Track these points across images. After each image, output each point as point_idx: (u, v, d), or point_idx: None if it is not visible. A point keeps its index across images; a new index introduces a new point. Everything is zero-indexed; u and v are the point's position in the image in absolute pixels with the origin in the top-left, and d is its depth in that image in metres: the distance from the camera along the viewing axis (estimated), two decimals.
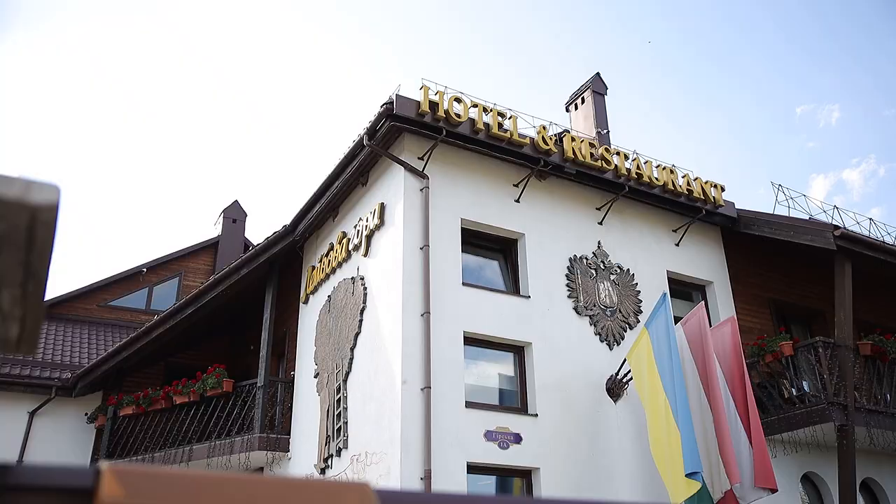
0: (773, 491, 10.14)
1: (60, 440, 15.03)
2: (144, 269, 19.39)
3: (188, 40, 48.67)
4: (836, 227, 12.38)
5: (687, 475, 9.35)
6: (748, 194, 58.99)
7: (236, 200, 21.63)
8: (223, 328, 17.64)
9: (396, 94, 11.15)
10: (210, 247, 20.75)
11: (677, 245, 13.86)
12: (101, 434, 14.76)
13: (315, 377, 12.95)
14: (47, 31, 44.31)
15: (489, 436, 10.39)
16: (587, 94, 16.82)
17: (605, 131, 16.10)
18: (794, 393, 12.55)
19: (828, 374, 11.84)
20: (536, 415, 10.91)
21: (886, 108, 49.09)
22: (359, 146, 11.80)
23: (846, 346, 12.04)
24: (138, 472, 0.98)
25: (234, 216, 21.38)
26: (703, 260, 14.12)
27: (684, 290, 13.98)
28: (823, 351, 12.03)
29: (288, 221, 14.06)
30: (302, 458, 12.71)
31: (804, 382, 12.57)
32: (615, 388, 11.65)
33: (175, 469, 1.02)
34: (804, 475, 12.92)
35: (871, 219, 14.89)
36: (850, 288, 12.35)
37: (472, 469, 10.19)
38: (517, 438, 10.58)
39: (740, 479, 9.82)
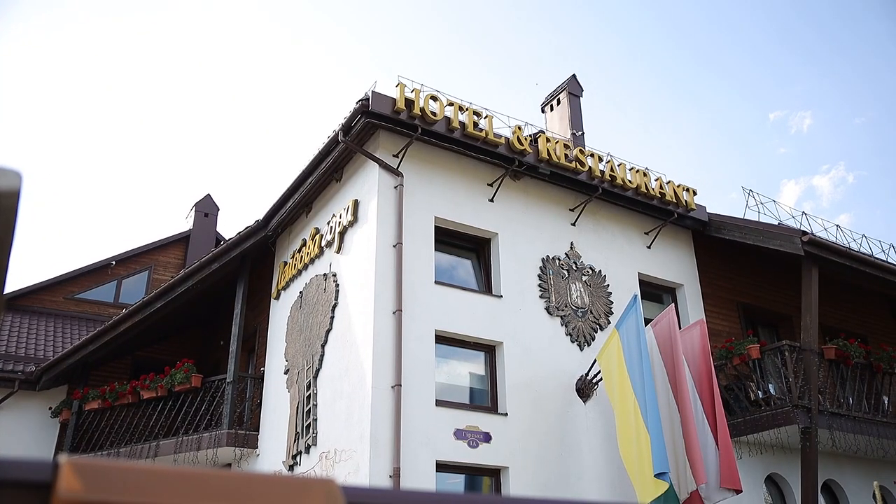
0: (738, 492, 10.28)
1: (23, 434, 14.75)
2: (113, 262, 19.11)
3: (163, 33, 48.10)
4: (805, 233, 12.58)
5: (655, 475, 9.45)
6: (720, 198, 59.71)
7: (208, 194, 21.43)
8: (193, 323, 17.46)
9: (372, 91, 11.11)
10: (181, 240, 20.51)
11: (649, 247, 13.98)
12: (66, 428, 14.52)
13: (285, 373, 12.88)
14: (16, 18, 43.51)
15: (459, 434, 10.40)
16: (563, 96, 16.90)
17: (579, 133, 16.18)
18: (760, 395, 12.73)
19: (793, 377, 12.03)
20: (506, 414, 10.95)
21: (856, 117, 50.01)
22: (333, 142, 11.75)
23: (811, 350, 12.24)
24: (98, 465, 0.96)
25: (207, 210, 21.16)
26: (674, 262, 14.26)
27: (655, 292, 14.11)
28: (789, 354, 12.22)
29: (261, 216, 13.96)
30: (270, 454, 12.63)
31: (770, 385, 12.76)
32: (585, 388, 11.73)
33: (136, 463, 1.00)
34: (768, 476, 13.11)
35: (837, 225, 15.15)
36: (816, 293, 12.55)
37: (442, 467, 10.20)
38: (487, 437, 10.60)
39: (706, 480, 9.94)
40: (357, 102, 11.10)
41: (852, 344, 13.29)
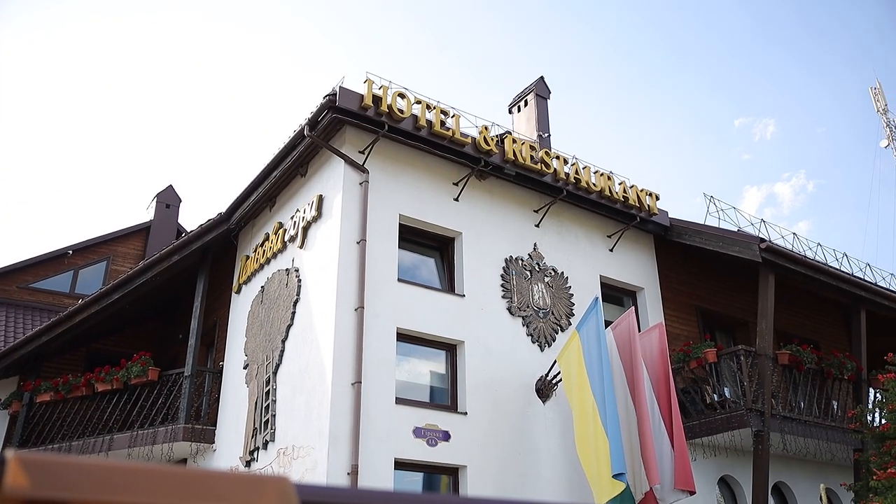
0: (692, 493, 10.45)
1: None
2: (70, 252, 18.69)
3: (129, 17, 47.23)
4: (763, 240, 12.83)
5: (613, 476, 9.56)
6: (684, 203, 60.66)
7: (171, 185, 21.07)
8: (151, 315, 17.17)
9: (340, 87, 11.05)
10: (141, 231, 20.14)
11: (611, 250, 14.12)
12: (16, 421, 14.18)
13: (244, 368, 12.75)
14: None
15: (418, 433, 10.40)
16: (530, 98, 16.99)
17: (546, 135, 16.28)
18: (716, 399, 12.95)
19: (748, 381, 12.26)
20: (466, 413, 10.98)
21: (818, 126, 51.17)
22: (299, 136, 11.66)
23: (766, 355, 12.48)
24: (46, 461, 0.95)
25: (168, 201, 20.81)
26: (635, 266, 14.42)
27: (616, 294, 14.26)
28: (745, 359, 12.46)
29: (224, 209, 13.79)
30: (227, 450, 12.50)
31: (726, 389, 12.99)
32: (544, 388, 11.81)
33: (86, 458, 0.98)
34: (721, 478, 13.35)
35: (794, 233, 15.47)
36: (772, 299, 12.81)
37: (400, 465, 10.19)
38: (446, 436, 10.62)
39: (661, 481, 10.09)
40: (324, 97, 11.03)
41: (805, 350, 13.59)
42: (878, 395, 13.86)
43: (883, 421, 10.76)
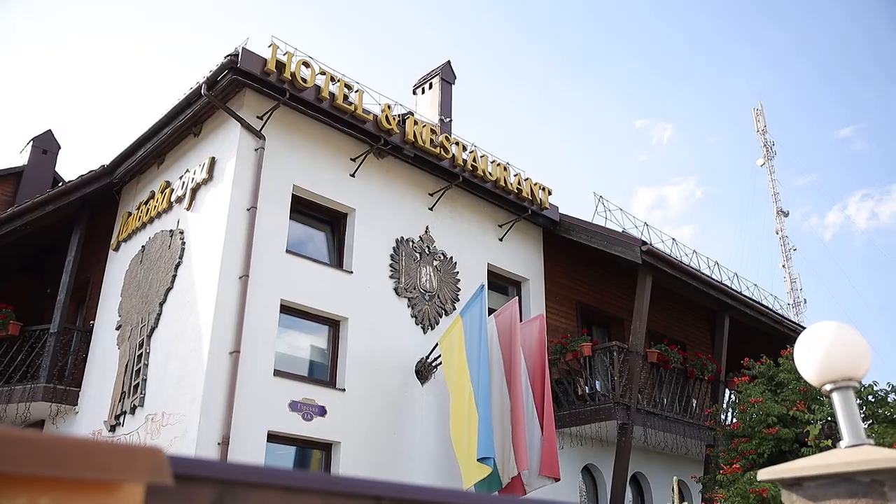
0: (556, 479, 10.87)
1: None
2: None
3: None
4: (644, 243, 13.41)
5: (478, 460, 9.80)
6: (576, 199, 62.45)
7: (49, 130, 19.73)
8: (18, 267, 16.15)
9: (243, 48, 10.71)
10: (12, 176, 18.80)
11: (501, 240, 14.40)
12: None
13: (117, 329, 12.23)
14: None
15: (294, 406, 10.32)
16: (435, 81, 16.99)
17: (448, 119, 16.35)
18: (587, 391, 13.51)
19: (618, 376, 12.85)
20: (344, 389, 10.97)
21: (711, 135, 53.82)
22: (196, 94, 11.22)
23: (637, 353, 13.11)
24: None
25: (46, 147, 19.49)
26: (522, 257, 14.78)
27: (502, 283, 14.57)
28: (617, 355, 13.04)
29: (108, 161, 13.12)
30: (91, 412, 11.97)
31: (597, 382, 13.56)
32: (424, 370, 11.95)
33: None
34: (585, 466, 13.95)
35: (674, 239, 16.28)
36: (647, 299, 13.43)
37: (273, 438, 10.08)
38: (322, 411, 10.58)
39: (528, 467, 10.43)
40: (225, 57, 10.66)
41: (673, 350, 14.36)
42: (732, 396, 14.82)
43: (734, 420, 11.52)
